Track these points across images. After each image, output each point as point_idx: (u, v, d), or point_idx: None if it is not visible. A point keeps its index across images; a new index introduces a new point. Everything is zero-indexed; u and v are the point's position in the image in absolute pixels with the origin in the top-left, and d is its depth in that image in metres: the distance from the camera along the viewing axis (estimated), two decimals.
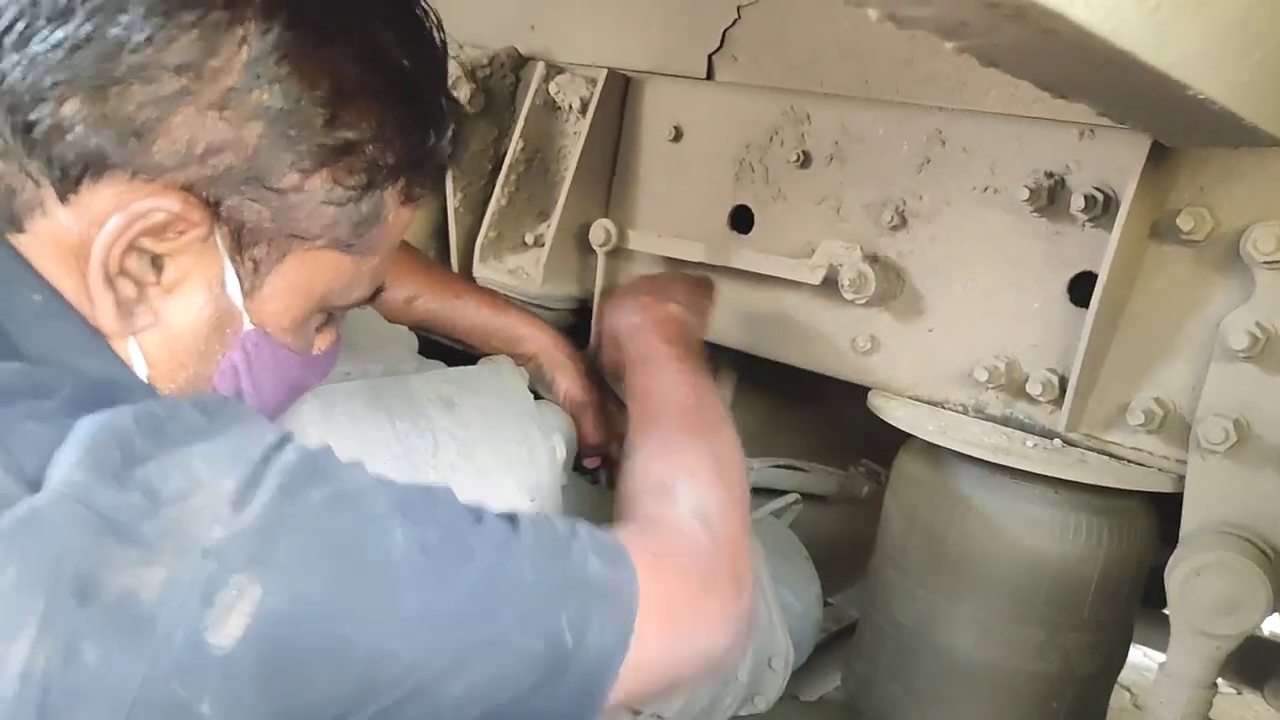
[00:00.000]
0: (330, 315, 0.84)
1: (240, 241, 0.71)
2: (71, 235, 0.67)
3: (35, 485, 0.58)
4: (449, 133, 0.79)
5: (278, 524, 0.60)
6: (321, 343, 0.85)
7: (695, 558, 0.81)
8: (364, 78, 0.71)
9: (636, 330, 1.11)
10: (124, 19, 0.64)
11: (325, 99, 0.69)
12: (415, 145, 0.76)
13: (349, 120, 0.71)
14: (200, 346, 0.74)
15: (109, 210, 0.66)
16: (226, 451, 0.62)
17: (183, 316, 0.72)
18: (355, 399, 1.00)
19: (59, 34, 0.64)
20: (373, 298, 0.85)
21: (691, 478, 0.88)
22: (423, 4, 0.78)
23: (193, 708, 0.55)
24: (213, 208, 0.69)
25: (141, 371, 0.72)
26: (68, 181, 0.66)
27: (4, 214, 0.68)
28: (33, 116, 0.65)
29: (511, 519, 0.72)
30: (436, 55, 0.79)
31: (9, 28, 0.64)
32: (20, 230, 0.68)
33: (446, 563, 0.65)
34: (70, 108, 0.65)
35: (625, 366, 1.09)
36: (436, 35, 0.79)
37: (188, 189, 0.68)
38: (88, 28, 0.64)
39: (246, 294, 0.74)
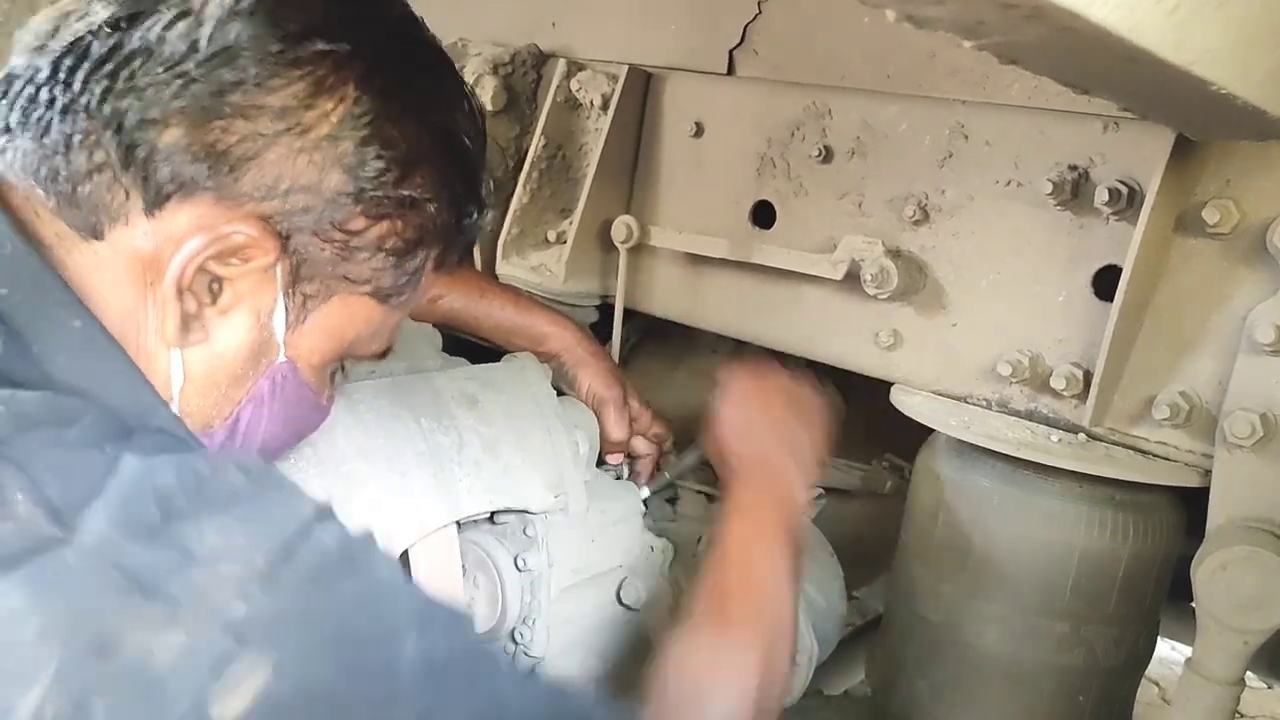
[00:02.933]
0: (338, 369, 0.87)
1: (298, 276, 0.76)
2: (147, 248, 0.71)
3: (58, 515, 0.59)
4: (487, 213, 0.86)
5: (300, 611, 0.61)
6: (331, 390, 0.88)
7: None
8: (436, 150, 0.78)
9: (754, 480, 1.06)
10: (239, 63, 0.69)
11: (400, 159, 0.75)
12: (462, 215, 0.83)
13: (417, 181, 0.77)
14: (237, 370, 0.77)
15: (190, 228, 0.70)
16: (264, 521, 0.63)
17: (230, 338, 0.76)
18: (381, 397, 1.01)
19: (177, 68, 0.68)
20: (382, 355, 0.90)
21: (729, 695, 0.88)
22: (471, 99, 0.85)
23: None
24: (283, 240, 0.73)
25: (177, 385, 0.74)
26: (158, 199, 0.70)
27: (89, 221, 0.70)
28: (137, 138, 0.68)
29: (533, 672, 0.75)
30: (486, 143, 0.86)
31: (132, 55, 0.69)
32: (98, 238, 0.71)
33: (451, 687, 0.65)
34: (173, 134, 0.69)
35: (723, 488, 1.07)
36: (482, 121, 0.85)
37: (265, 219, 0.72)
38: (204, 69, 0.68)
39: (290, 327, 0.78)
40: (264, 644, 0.58)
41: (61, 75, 0.70)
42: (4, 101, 0.72)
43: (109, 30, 0.69)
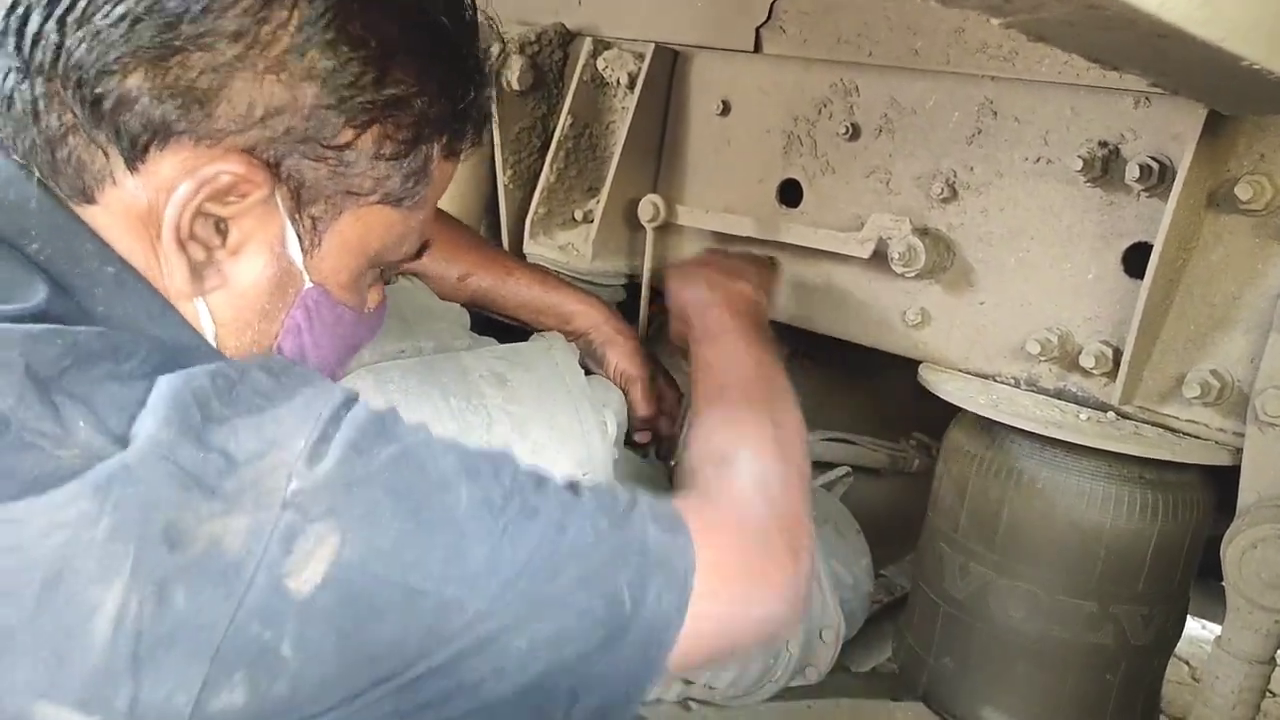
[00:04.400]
0: (380, 272, 0.86)
1: (299, 201, 0.74)
2: (141, 203, 0.70)
3: (121, 442, 0.60)
4: (482, 86, 0.81)
5: (350, 478, 0.62)
6: (371, 300, 0.87)
7: (753, 528, 0.82)
8: (407, 35, 0.74)
9: (707, 305, 1.13)
10: None
11: (373, 57, 0.72)
12: (457, 99, 0.79)
13: (397, 77, 0.73)
14: (264, 305, 0.76)
15: (176, 176, 0.69)
16: (297, 412, 0.65)
17: (247, 276, 0.75)
18: (410, 375, 1.02)
19: (119, 9, 0.66)
20: (419, 254, 0.87)
21: (753, 450, 0.89)
22: None
23: (275, 649, 0.58)
24: (273, 168, 0.71)
25: (209, 332, 0.75)
26: (135, 151, 0.69)
27: (76, 186, 0.70)
28: (99, 90, 0.67)
29: (573, 486, 0.74)
30: (470, 12, 0.81)
31: (71, 5, 0.67)
32: (92, 201, 0.70)
33: (511, 520, 0.67)
34: (134, 80, 0.67)
35: (692, 340, 1.11)
36: None
37: (249, 151, 0.70)
38: (145, 4, 0.66)
39: (306, 252, 0.76)
40: (326, 514, 0.60)
41: (10, 38, 0.68)
42: None
43: None
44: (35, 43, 0.67)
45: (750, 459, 0.88)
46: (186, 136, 0.68)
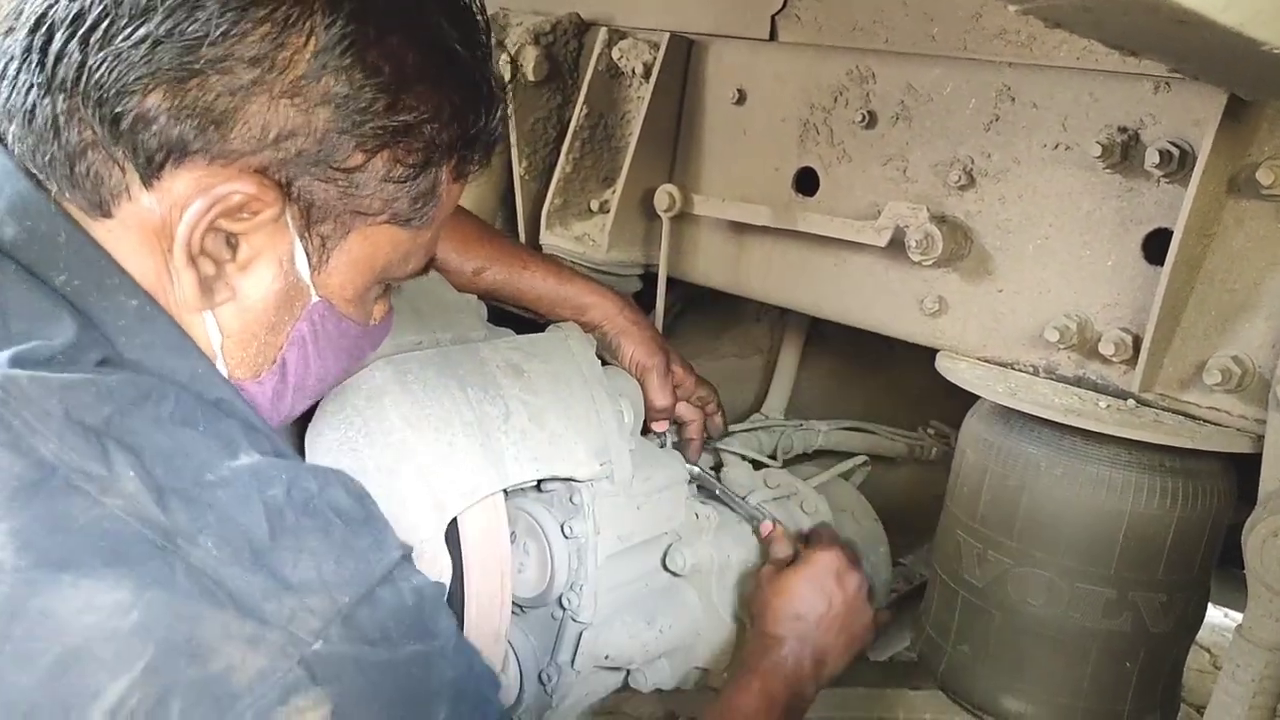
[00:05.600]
0: (387, 286, 0.88)
1: (309, 220, 0.75)
2: (154, 218, 0.71)
3: (163, 498, 0.63)
4: (499, 112, 0.83)
5: (366, 661, 0.65)
6: (378, 313, 0.89)
7: None
8: (421, 63, 0.75)
9: (781, 649, 1.13)
10: (201, 15, 0.67)
11: (387, 85, 0.73)
12: (469, 125, 0.80)
13: (409, 104, 0.75)
14: (271, 318, 0.78)
15: (189, 193, 0.70)
16: (356, 560, 0.68)
17: (256, 291, 0.76)
18: (428, 367, 1.02)
19: (141, 31, 0.67)
20: (425, 269, 0.89)
21: None
22: None
23: None
24: (284, 188, 0.73)
25: (216, 342, 0.76)
26: (152, 168, 0.70)
27: (93, 200, 0.71)
28: (119, 108, 0.68)
29: None
30: (484, 38, 0.82)
31: (94, 25, 0.68)
32: (108, 215, 0.72)
33: None
34: (153, 99, 0.68)
35: (749, 651, 1.14)
36: (481, 18, 0.82)
37: (261, 172, 0.72)
38: (168, 24, 0.67)
39: (314, 269, 0.78)
40: (329, 683, 0.63)
41: (34, 55, 0.70)
42: None
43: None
44: (59, 60, 0.69)
45: None
46: (201, 155, 0.70)
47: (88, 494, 0.61)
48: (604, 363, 1.21)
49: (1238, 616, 0.99)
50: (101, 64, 0.68)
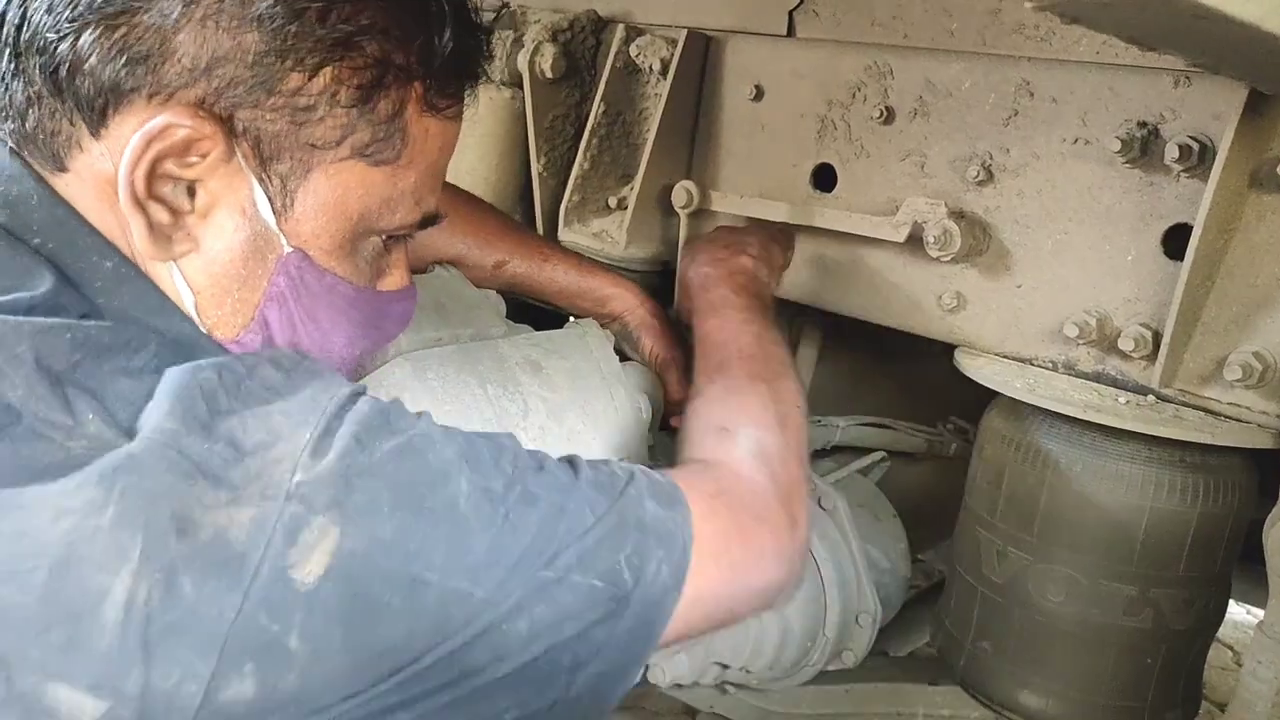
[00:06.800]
0: (388, 246, 0.84)
1: (262, 156, 0.73)
2: (107, 168, 0.71)
3: (129, 435, 0.62)
4: (459, 37, 0.78)
5: (352, 471, 0.64)
6: (391, 281, 0.86)
7: (751, 497, 0.84)
8: None
9: (707, 280, 1.14)
10: None
11: None
12: (423, 45, 0.76)
13: (344, 14, 0.72)
14: (241, 270, 0.76)
15: (131, 136, 0.70)
16: (303, 405, 0.66)
17: (220, 241, 0.74)
18: (447, 364, 1.03)
19: None
20: (423, 224, 0.85)
21: (751, 421, 0.91)
22: None
23: (282, 641, 0.59)
24: (226, 121, 0.71)
25: (188, 300, 0.75)
26: (95, 115, 0.70)
27: (48, 154, 0.72)
28: (56, 55, 0.68)
29: (572, 463, 0.76)
30: None
31: None
32: (64, 170, 0.72)
33: (511, 508, 0.68)
34: (85, 40, 0.68)
35: (694, 314, 1.12)
36: None
37: (199, 104, 0.70)
38: None
39: (279, 213, 0.75)
40: (328, 507, 0.61)
41: None
42: None
43: None
44: (2, 19, 0.70)
45: (749, 430, 0.90)
46: (138, 95, 0.69)
47: (52, 440, 0.60)
48: (623, 356, 1.21)
49: (1259, 613, 0.99)
50: (38, 12, 0.68)
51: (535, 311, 1.28)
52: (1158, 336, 1.05)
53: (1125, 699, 1.16)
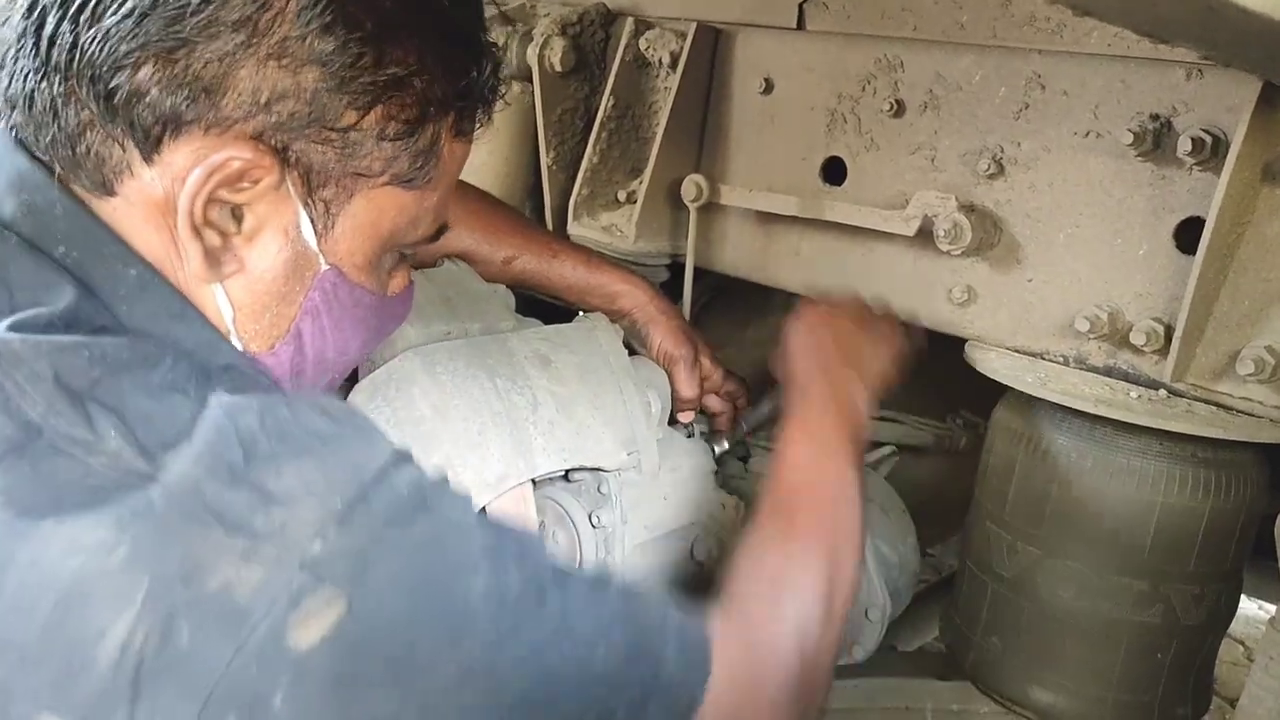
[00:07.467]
0: (402, 256, 0.87)
1: (310, 185, 0.75)
2: (158, 193, 0.72)
3: (148, 455, 0.62)
4: (489, 67, 0.81)
5: (373, 551, 0.63)
6: (396, 285, 0.88)
7: (774, 686, 0.82)
8: (405, 15, 0.74)
9: (810, 387, 1.07)
10: None
11: (371, 38, 0.72)
12: (460, 78, 0.79)
13: (396, 57, 0.74)
14: (281, 288, 0.78)
15: (189, 165, 0.71)
16: (342, 464, 0.66)
17: (264, 261, 0.76)
18: (457, 358, 1.03)
19: (128, 5, 0.68)
20: (436, 235, 0.87)
21: (803, 593, 0.88)
22: None
23: (267, 699, 0.59)
24: (281, 153, 0.73)
25: (228, 315, 0.76)
26: (149, 142, 0.70)
27: (96, 180, 0.72)
28: (112, 85, 0.69)
29: (604, 583, 0.75)
30: None
31: (83, 4, 0.69)
32: (112, 194, 0.72)
33: (521, 617, 0.67)
34: (145, 73, 0.69)
35: (786, 418, 1.07)
36: None
37: (257, 137, 0.71)
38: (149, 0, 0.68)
39: (320, 235, 0.77)
40: (340, 580, 0.61)
41: (29, 40, 0.71)
42: None
43: None
44: (52, 43, 0.70)
45: (799, 604, 0.87)
46: (196, 126, 0.70)
47: (72, 455, 0.61)
48: (631, 352, 1.21)
49: (1271, 608, 0.98)
50: (92, 42, 0.68)
51: (544, 307, 1.28)
52: (1170, 331, 1.04)
53: (1136, 694, 1.15)
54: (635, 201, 1.44)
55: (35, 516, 0.59)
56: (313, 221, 0.76)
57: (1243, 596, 1.22)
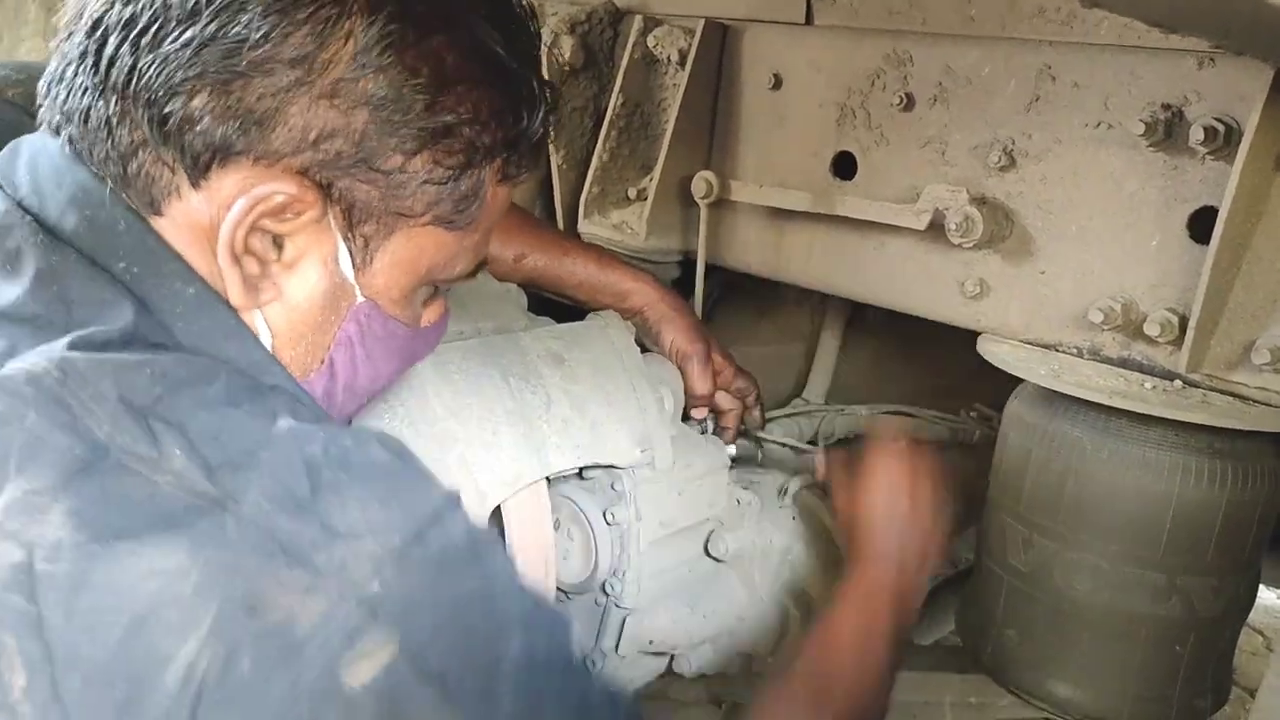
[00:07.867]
0: (436, 289, 0.88)
1: (351, 220, 0.76)
2: (203, 217, 0.73)
3: (212, 473, 0.63)
4: (541, 114, 0.83)
5: (427, 595, 0.65)
6: (430, 315, 0.90)
7: None
8: (461, 65, 0.75)
9: (882, 566, 1.10)
10: (244, 18, 0.69)
11: (425, 86, 0.74)
12: (509, 127, 0.80)
13: (448, 105, 0.75)
14: (318, 317, 0.79)
15: (234, 194, 0.72)
16: (402, 502, 0.67)
17: (301, 290, 0.78)
18: (470, 357, 1.03)
19: (188, 34, 0.69)
20: (474, 272, 0.89)
21: None
22: None
23: None
24: (325, 189, 0.74)
25: (266, 341, 0.78)
26: (198, 168, 0.72)
27: (145, 199, 0.74)
28: (167, 110, 0.70)
29: (617, 695, 0.77)
30: (530, 42, 0.82)
31: (144, 29, 0.70)
32: (159, 214, 0.74)
33: (546, 683, 0.69)
34: (199, 101, 0.70)
35: (852, 558, 1.10)
36: (531, 23, 0.83)
37: (303, 173, 0.73)
38: (212, 27, 0.69)
39: (358, 269, 0.79)
40: (393, 621, 0.62)
41: (90, 58, 0.72)
42: (49, 100, 0.75)
43: (123, 2, 0.71)
44: (111, 63, 0.71)
45: None
46: (245, 156, 0.71)
47: (139, 474, 0.62)
48: (643, 350, 1.21)
49: None
50: (150, 66, 0.70)
51: (556, 307, 1.28)
52: (1184, 321, 1.04)
53: (1154, 687, 1.15)
54: (646, 199, 1.44)
55: (110, 540, 0.60)
56: (351, 255, 0.78)
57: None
